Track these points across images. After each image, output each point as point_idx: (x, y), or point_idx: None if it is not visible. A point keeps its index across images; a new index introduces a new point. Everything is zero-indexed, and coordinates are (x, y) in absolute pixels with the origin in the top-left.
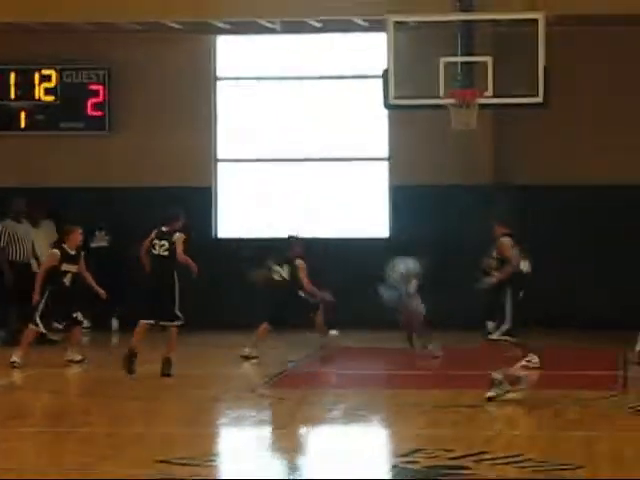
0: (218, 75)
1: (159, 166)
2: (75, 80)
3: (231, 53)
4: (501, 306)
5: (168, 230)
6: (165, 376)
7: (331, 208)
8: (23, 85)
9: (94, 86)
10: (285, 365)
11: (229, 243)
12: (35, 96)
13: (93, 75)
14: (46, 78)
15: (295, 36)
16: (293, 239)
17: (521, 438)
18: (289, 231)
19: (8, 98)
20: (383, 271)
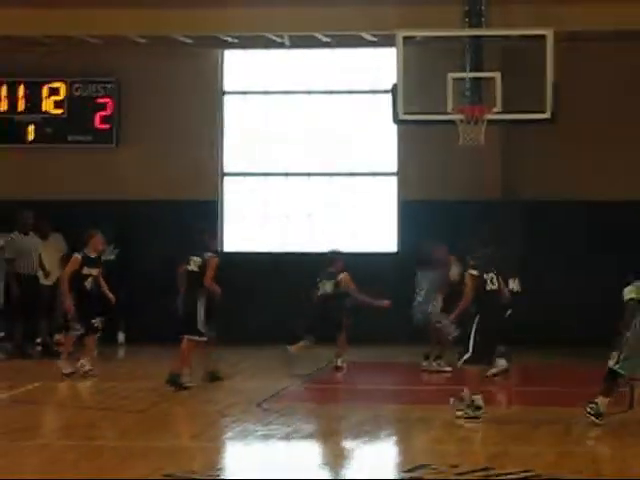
0: (225, 89)
1: (166, 179)
2: (83, 93)
3: (239, 67)
4: (467, 334)
5: (202, 247)
6: (175, 388)
7: (339, 223)
8: (31, 98)
9: (102, 99)
10: (291, 380)
11: (235, 257)
12: (43, 109)
13: (101, 88)
14: (54, 91)
15: (303, 51)
16: (334, 254)
17: (528, 454)
18: (329, 247)
19: (16, 111)
20: (394, 286)
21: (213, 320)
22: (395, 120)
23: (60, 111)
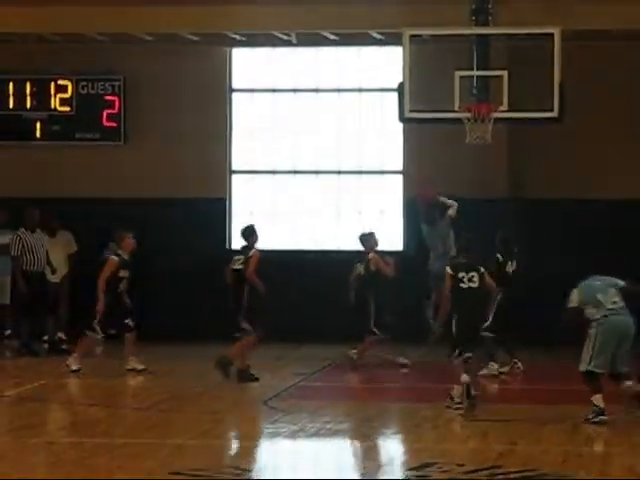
0: (233, 87)
1: (174, 177)
2: (91, 91)
3: (246, 65)
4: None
5: (246, 245)
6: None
7: (345, 220)
8: (39, 95)
9: (110, 97)
10: (297, 377)
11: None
12: (51, 106)
13: (109, 86)
14: (62, 89)
15: (311, 49)
16: (362, 236)
17: (535, 453)
18: (361, 231)
19: (24, 108)
20: (400, 284)
21: (256, 318)
22: (401, 118)
23: (67, 108)
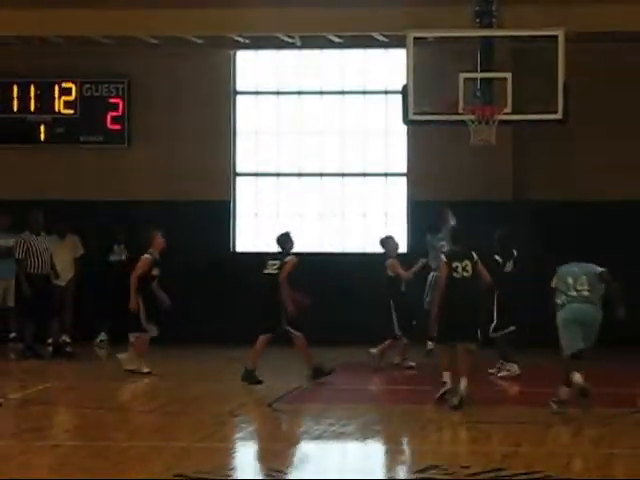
0: (237, 89)
1: (178, 180)
2: (95, 93)
3: (250, 67)
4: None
5: (281, 251)
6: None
7: (349, 223)
8: (43, 98)
9: (114, 100)
10: (301, 380)
11: (247, 257)
12: (55, 109)
13: (113, 89)
14: (66, 91)
15: (315, 51)
16: (382, 240)
17: (540, 455)
18: (381, 235)
19: (28, 111)
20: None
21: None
22: (405, 121)
23: (72, 111)
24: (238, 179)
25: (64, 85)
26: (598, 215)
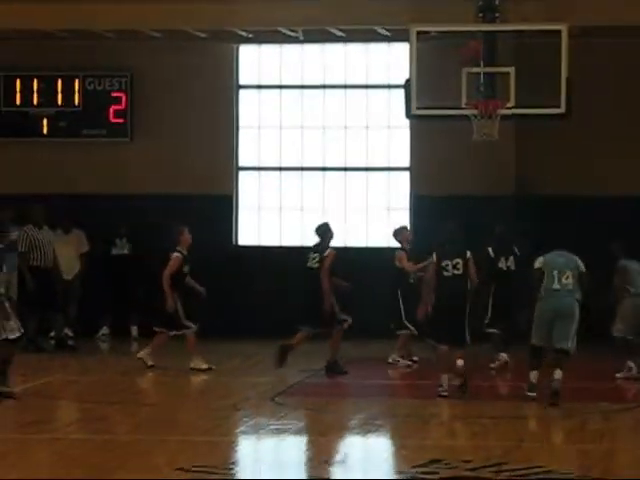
0: (240, 83)
1: (180, 174)
2: (97, 87)
3: (254, 61)
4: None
5: (319, 243)
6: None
7: (352, 217)
8: (45, 92)
9: (116, 93)
10: (304, 374)
11: (249, 251)
12: (57, 103)
13: (115, 82)
14: (69, 85)
15: (318, 45)
16: (395, 231)
17: (542, 450)
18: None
19: (31, 105)
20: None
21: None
22: (408, 115)
23: (74, 105)
24: (241, 173)
25: (67, 79)
26: (601, 210)
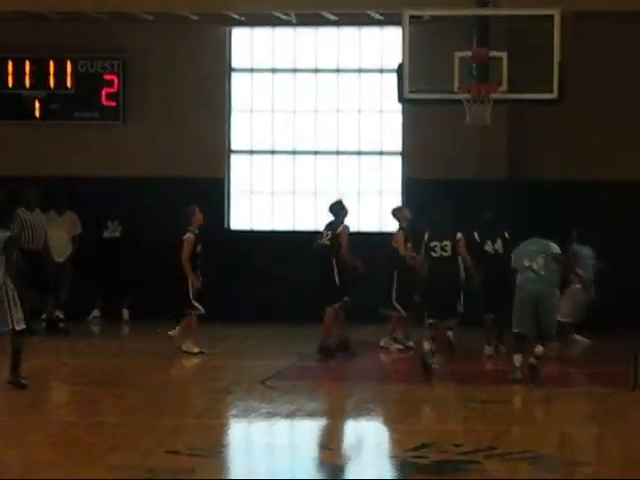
0: (233, 66)
1: (172, 157)
2: (90, 70)
3: (246, 44)
4: None
5: (333, 221)
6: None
7: (344, 201)
8: (38, 74)
9: (109, 76)
10: (295, 357)
11: (241, 235)
12: (50, 85)
13: (108, 65)
14: (61, 67)
15: (310, 29)
16: (393, 210)
17: (532, 434)
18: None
19: (23, 87)
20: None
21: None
22: (400, 99)
23: (67, 87)
24: (233, 156)
25: (59, 61)
26: (594, 195)
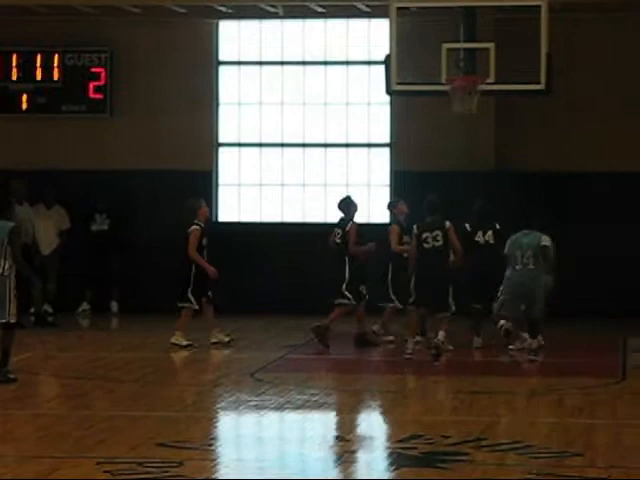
0: (220, 59)
1: (160, 150)
2: (77, 63)
3: (233, 37)
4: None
5: (343, 218)
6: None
7: (332, 194)
8: (25, 67)
9: (96, 69)
10: (284, 349)
11: (229, 227)
12: (37, 78)
13: (95, 58)
14: (48, 60)
15: (298, 21)
16: (392, 202)
17: (521, 425)
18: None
19: (10, 80)
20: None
21: (363, 285)
22: (388, 91)
23: (53, 81)
24: (221, 149)
25: (46, 54)
26: (580, 187)
